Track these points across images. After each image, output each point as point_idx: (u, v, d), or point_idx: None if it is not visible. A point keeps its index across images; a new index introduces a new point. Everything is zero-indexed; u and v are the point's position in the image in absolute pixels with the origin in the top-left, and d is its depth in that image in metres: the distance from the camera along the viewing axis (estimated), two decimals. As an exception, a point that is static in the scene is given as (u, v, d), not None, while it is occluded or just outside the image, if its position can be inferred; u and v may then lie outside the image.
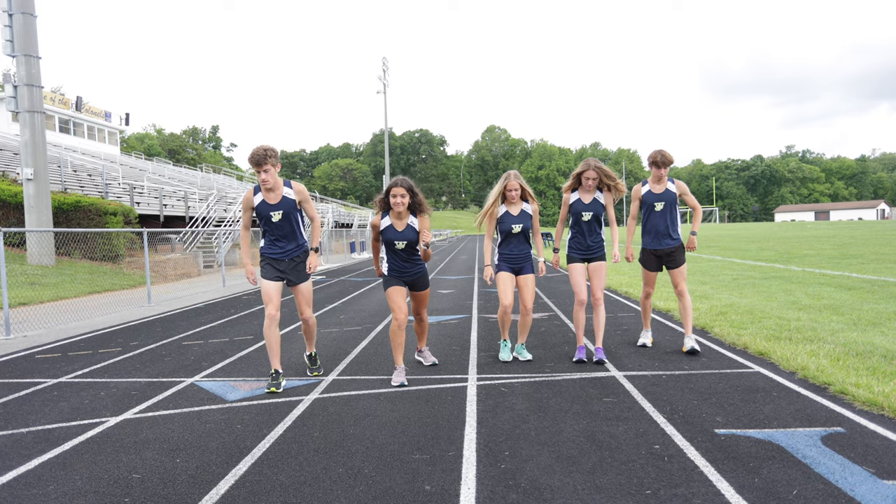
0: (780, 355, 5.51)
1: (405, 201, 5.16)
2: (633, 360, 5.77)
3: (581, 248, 5.84)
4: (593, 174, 5.66)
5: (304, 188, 5.29)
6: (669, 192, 5.99)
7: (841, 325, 6.99)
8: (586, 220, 5.75)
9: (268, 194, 5.13)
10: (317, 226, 5.30)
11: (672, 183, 6.03)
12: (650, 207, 6.03)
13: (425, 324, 5.87)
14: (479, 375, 5.36)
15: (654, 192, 6.04)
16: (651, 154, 5.96)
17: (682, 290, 5.98)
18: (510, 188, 5.51)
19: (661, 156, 5.88)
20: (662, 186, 6.01)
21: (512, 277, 5.65)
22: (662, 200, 5.99)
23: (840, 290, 10.15)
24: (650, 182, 6.08)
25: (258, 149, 5.01)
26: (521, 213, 5.59)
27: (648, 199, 6.04)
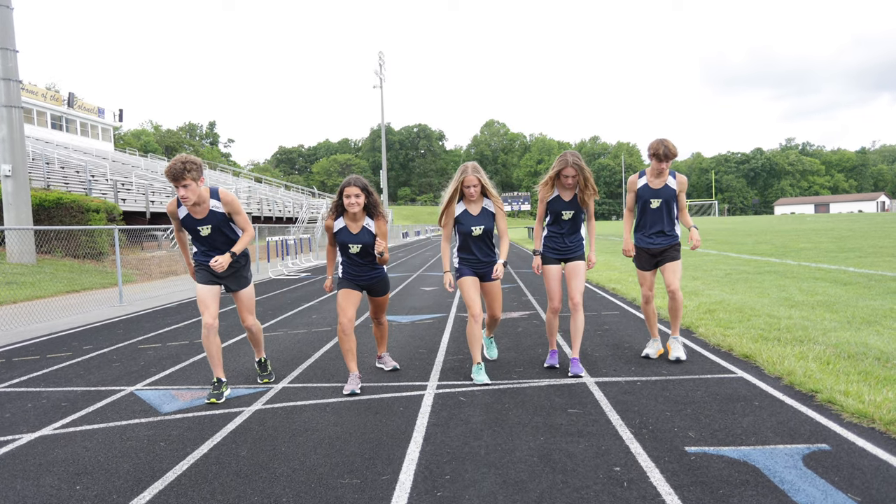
0: (766, 358, 5.11)
1: (360, 202, 4.75)
2: (609, 363, 5.38)
3: (558, 248, 5.30)
4: (572, 171, 5.06)
5: (234, 199, 4.73)
6: (669, 189, 5.33)
7: (834, 324, 6.59)
8: (567, 219, 5.24)
9: (193, 209, 4.63)
10: (247, 239, 4.76)
11: (673, 178, 5.36)
12: (645, 203, 5.41)
13: (385, 328, 5.47)
14: (440, 383, 4.96)
15: (651, 187, 5.36)
16: (652, 144, 5.21)
17: (674, 290, 5.35)
18: (468, 184, 4.93)
19: (663, 147, 5.14)
20: (662, 181, 5.34)
21: (476, 282, 5.11)
22: (660, 197, 5.34)
23: (835, 285, 9.74)
24: (648, 174, 5.40)
25: (175, 161, 4.39)
26: (482, 213, 5.01)
27: (644, 194, 5.40)
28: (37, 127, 47.19)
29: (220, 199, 4.66)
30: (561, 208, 5.22)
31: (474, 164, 5.02)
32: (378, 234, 4.88)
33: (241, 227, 4.77)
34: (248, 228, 4.79)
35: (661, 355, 5.61)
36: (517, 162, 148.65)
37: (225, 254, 4.60)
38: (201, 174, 4.47)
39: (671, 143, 5.18)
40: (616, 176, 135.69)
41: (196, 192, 4.46)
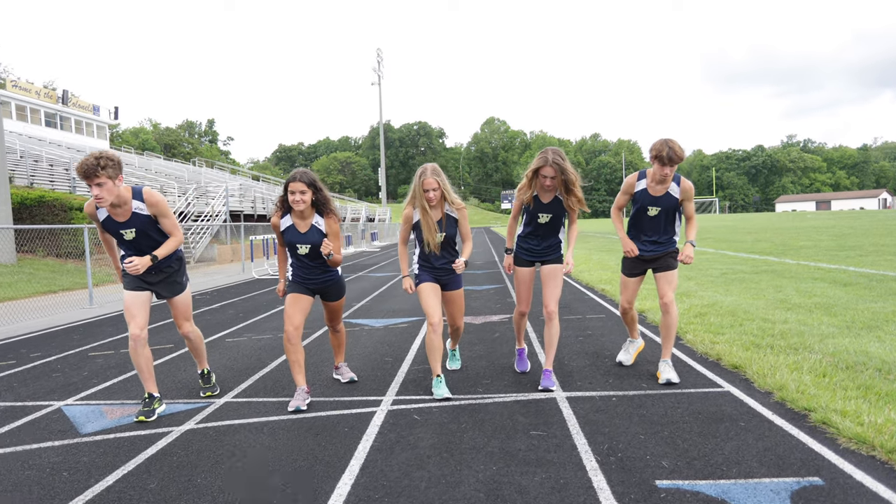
0: (757, 370, 4.65)
1: (306, 198, 4.29)
2: (585, 375, 4.92)
3: (531, 249, 4.81)
4: (550, 172, 4.43)
5: (160, 199, 4.22)
6: (670, 197, 4.64)
7: (832, 329, 6.14)
8: (543, 223, 4.72)
9: (113, 210, 4.14)
10: (173, 244, 4.27)
11: (677, 185, 4.64)
12: (641, 209, 4.75)
13: (342, 336, 5.02)
14: (397, 397, 4.51)
15: (650, 194, 4.67)
16: (655, 145, 4.46)
17: (667, 302, 4.66)
18: (427, 187, 4.44)
19: (668, 149, 4.39)
20: (664, 188, 4.65)
21: (437, 289, 4.66)
22: (659, 206, 4.67)
23: (835, 286, 9.28)
24: (649, 178, 4.67)
25: (88, 157, 3.92)
26: (444, 220, 4.54)
27: (641, 200, 4.72)
28: (30, 125, 46.75)
29: (145, 200, 4.18)
30: (538, 210, 4.69)
31: (434, 166, 4.55)
32: (329, 234, 4.44)
33: (168, 231, 4.31)
34: (175, 233, 4.32)
35: (643, 363, 5.16)
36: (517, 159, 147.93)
37: (144, 256, 4.15)
38: (119, 172, 4.01)
39: (677, 144, 4.42)
40: (617, 173, 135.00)
41: (112, 191, 4.00)
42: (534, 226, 4.75)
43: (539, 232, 4.76)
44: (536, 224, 4.73)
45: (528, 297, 4.92)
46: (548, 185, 4.50)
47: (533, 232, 4.78)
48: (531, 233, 4.79)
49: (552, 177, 4.48)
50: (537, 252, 4.80)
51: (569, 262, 4.84)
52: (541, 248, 4.80)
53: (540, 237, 4.78)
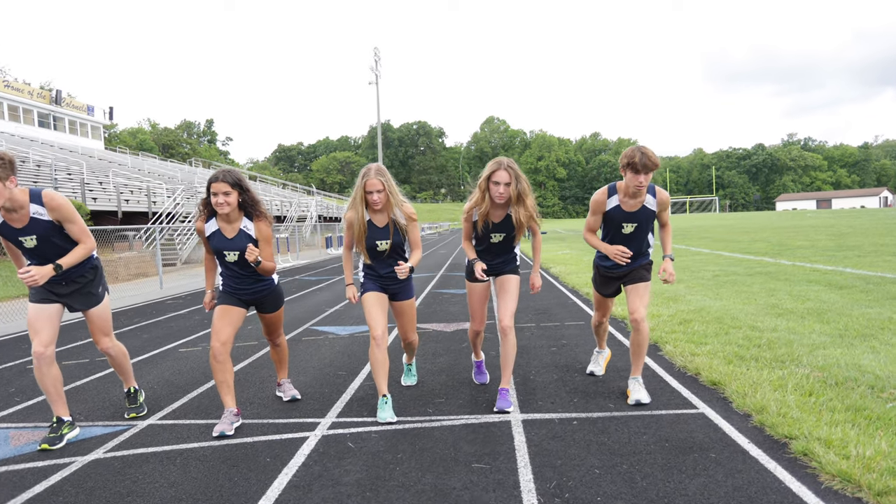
0: (737, 388, 4.21)
1: (230, 200, 3.85)
2: (549, 393, 4.48)
3: (486, 263, 4.33)
4: (505, 176, 3.98)
5: (63, 203, 3.76)
6: (646, 211, 4.17)
7: (823, 338, 5.70)
8: (497, 242, 4.26)
9: (8, 216, 3.71)
10: (81, 252, 3.83)
11: (653, 196, 4.17)
12: (615, 227, 4.24)
13: (283, 351, 4.59)
14: (338, 419, 4.08)
15: (624, 210, 4.17)
16: (627, 153, 3.99)
17: (638, 319, 4.15)
18: (370, 188, 3.99)
19: (641, 156, 3.89)
20: (639, 202, 4.14)
21: (383, 299, 4.24)
22: (635, 222, 4.19)
23: (830, 289, 8.84)
24: (621, 193, 4.16)
25: None
26: (389, 225, 4.12)
27: (615, 218, 4.21)
28: (23, 125, 46.38)
29: (45, 203, 3.73)
30: (490, 231, 4.22)
31: (378, 165, 4.10)
32: (259, 239, 4.01)
33: (77, 238, 3.87)
34: (84, 239, 3.87)
35: (616, 378, 4.72)
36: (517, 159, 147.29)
37: (46, 266, 3.71)
38: (11, 173, 3.57)
39: (651, 151, 3.94)
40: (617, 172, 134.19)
41: (2, 194, 3.56)
42: (486, 245, 4.32)
43: (493, 249, 4.33)
44: (489, 244, 4.31)
45: (482, 315, 4.50)
46: (501, 192, 4.04)
47: (486, 249, 4.35)
48: (484, 250, 4.36)
49: (507, 182, 4.04)
50: (492, 267, 4.38)
51: (533, 283, 4.43)
52: (495, 262, 4.38)
53: (494, 253, 4.35)
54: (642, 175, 3.94)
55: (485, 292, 4.45)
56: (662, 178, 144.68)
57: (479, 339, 4.65)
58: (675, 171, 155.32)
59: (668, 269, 4.20)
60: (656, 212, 4.21)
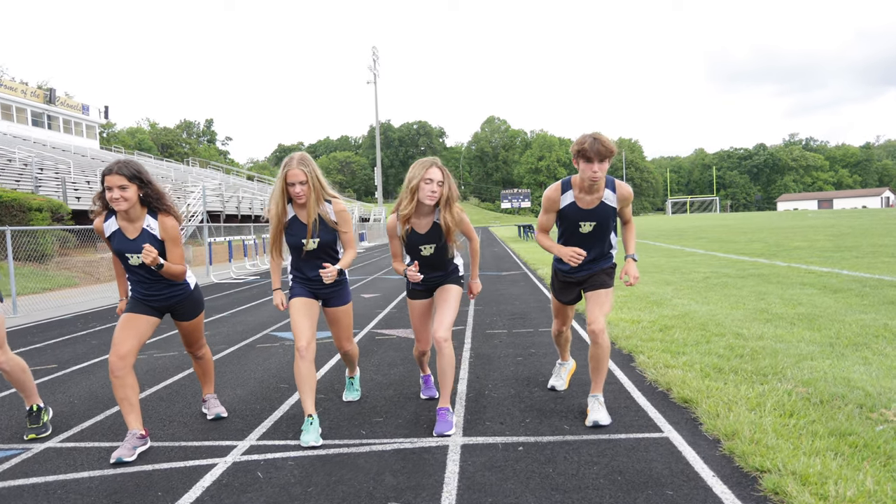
0: (709, 407, 3.75)
1: (127, 195, 3.40)
2: (501, 412, 4.02)
3: (425, 279, 3.93)
4: (438, 174, 3.60)
5: None
6: (606, 207, 3.70)
7: (812, 348, 5.24)
8: (428, 255, 3.82)
9: None
10: None
11: (612, 191, 3.70)
12: (571, 227, 3.79)
13: (206, 364, 4.14)
14: (259, 442, 3.62)
15: (580, 207, 3.70)
16: (579, 139, 3.52)
17: (596, 330, 3.66)
18: (292, 180, 3.55)
19: (593, 142, 3.43)
20: (597, 197, 3.68)
21: (312, 305, 3.80)
22: (593, 220, 3.72)
23: (824, 292, 8.37)
24: (576, 188, 3.70)
25: None
26: (317, 221, 3.66)
27: (571, 216, 3.75)
28: (16, 124, 46.06)
29: None
30: (418, 241, 3.79)
31: (303, 154, 3.64)
32: (165, 239, 3.56)
33: None
34: None
35: (581, 393, 4.26)
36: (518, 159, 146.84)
37: None
38: None
39: (605, 137, 3.49)
40: (617, 172, 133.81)
41: None
42: (419, 258, 3.88)
43: (426, 263, 3.88)
44: (420, 257, 3.86)
45: (426, 335, 4.07)
46: (433, 190, 3.60)
47: (421, 263, 3.90)
48: (419, 264, 3.91)
49: (440, 181, 3.62)
50: (432, 280, 3.95)
51: (471, 289, 4.00)
52: (433, 277, 3.94)
53: (429, 267, 3.91)
54: (596, 164, 3.48)
55: (427, 310, 4.01)
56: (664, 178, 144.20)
57: (424, 358, 4.21)
58: (677, 171, 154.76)
59: (631, 270, 3.75)
60: (617, 208, 3.75)
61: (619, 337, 6.00)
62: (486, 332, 6.83)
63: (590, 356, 3.81)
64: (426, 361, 4.28)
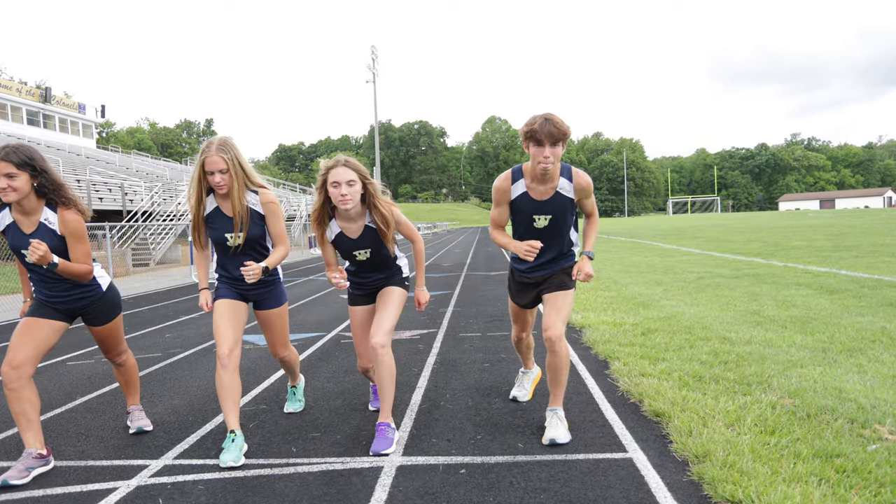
0: (681, 423, 3.35)
1: (16, 185, 2.99)
2: (451, 426, 3.62)
3: (364, 283, 3.55)
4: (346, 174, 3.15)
5: None
6: (562, 199, 3.29)
7: (804, 353, 4.83)
8: (363, 260, 3.43)
9: None
10: None
11: (569, 180, 3.29)
12: (525, 221, 3.38)
13: (128, 371, 3.74)
14: (174, 461, 3.22)
15: (532, 198, 3.30)
16: (529, 120, 3.10)
17: (552, 337, 3.23)
18: (210, 167, 3.15)
19: (544, 123, 3.03)
20: (550, 187, 3.27)
21: (238, 308, 3.41)
22: (548, 213, 3.31)
23: (820, 293, 7.96)
24: (528, 175, 3.30)
25: None
26: (244, 214, 3.28)
27: (524, 209, 3.35)
28: (11, 123, 45.81)
29: None
30: (351, 248, 3.38)
31: (222, 138, 3.24)
32: (66, 235, 3.16)
33: None
34: None
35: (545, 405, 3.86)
36: (519, 159, 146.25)
37: None
38: None
39: (558, 117, 3.08)
40: (619, 172, 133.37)
41: None
42: (356, 264, 3.49)
43: (368, 266, 3.49)
44: (357, 262, 3.47)
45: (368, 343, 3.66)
46: (343, 195, 3.16)
47: (357, 270, 3.53)
48: (355, 271, 3.54)
49: (349, 181, 3.16)
50: (370, 285, 3.55)
51: (418, 300, 3.59)
52: (373, 279, 3.55)
53: (370, 270, 3.51)
54: (548, 147, 3.08)
55: (369, 317, 3.60)
56: (665, 178, 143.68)
57: (369, 373, 3.80)
58: (678, 170, 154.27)
59: (585, 268, 3.34)
60: (574, 199, 3.35)
61: (596, 341, 5.60)
62: (458, 335, 6.43)
63: (547, 366, 3.41)
64: (373, 374, 3.89)
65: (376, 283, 3.54)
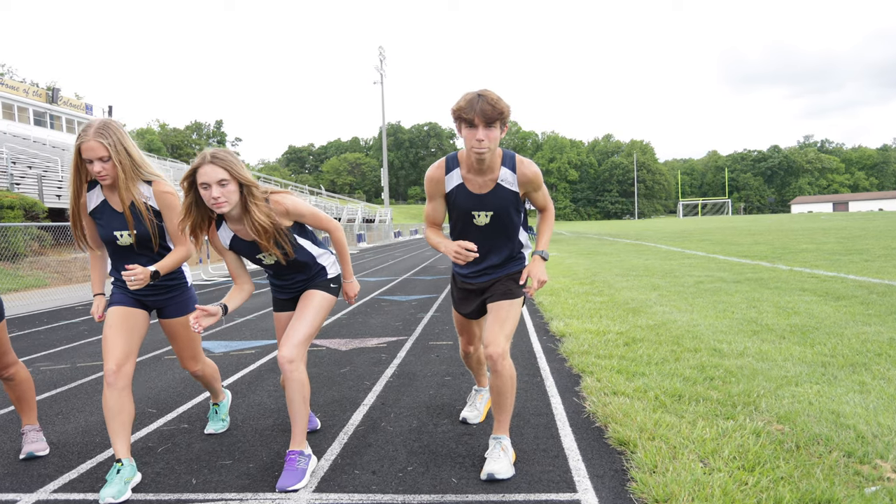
0: (646, 455, 2.85)
1: None
2: (383, 453, 3.14)
3: (284, 286, 3.09)
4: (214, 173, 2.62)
5: None
6: (504, 192, 2.81)
7: (801, 368, 4.32)
8: (272, 263, 2.95)
9: None
10: None
11: (512, 170, 2.80)
12: (464, 217, 2.89)
13: (21, 384, 3.29)
14: (48, 496, 2.77)
15: (471, 191, 2.83)
16: (461, 98, 2.63)
17: (493, 354, 2.74)
18: (88, 154, 2.70)
19: (480, 101, 2.56)
20: (490, 178, 2.79)
21: (134, 317, 2.95)
22: (489, 209, 2.83)
23: (824, 300, 7.41)
24: (464, 164, 2.83)
25: None
26: (134, 208, 2.84)
27: (460, 203, 2.87)
28: (17, 123, 45.97)
29: None
30: (253, 252, 2.90)
31: (104, 120, 2.78)
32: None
33: None
34: None
35: (491, 433, 3.37)
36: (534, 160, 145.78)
37: None
38: None
39: (495, 94, 2.60)
40: (629, 174, 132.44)
41: None
42: (266, 268, 3.01)
43: (281, 270, 3.02)
44: (266, 266, 2.99)
45: None
46: (215, 198, 2.65)
47: (274, 273, 3.07)
48: (272, 274, 3.08)
49: (220, 181, 2.63)
50: (291, 287, 3.09)
51: (346, 292, 3.15)
52: (295, 281, 3.07)
53: (287, 272, 3.04)
54: (481, 129, 2.59)
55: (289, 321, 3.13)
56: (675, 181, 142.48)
57: None
58: (689, 173, 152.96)
59: (535, 271, 2.86)
60: (520, 193, 2.86)
61: (573, 352, 5.10)
62: (428, 343, 5.96)
63: (489, 387, 2.92)
64: None
65: (298, 287, 3.07)
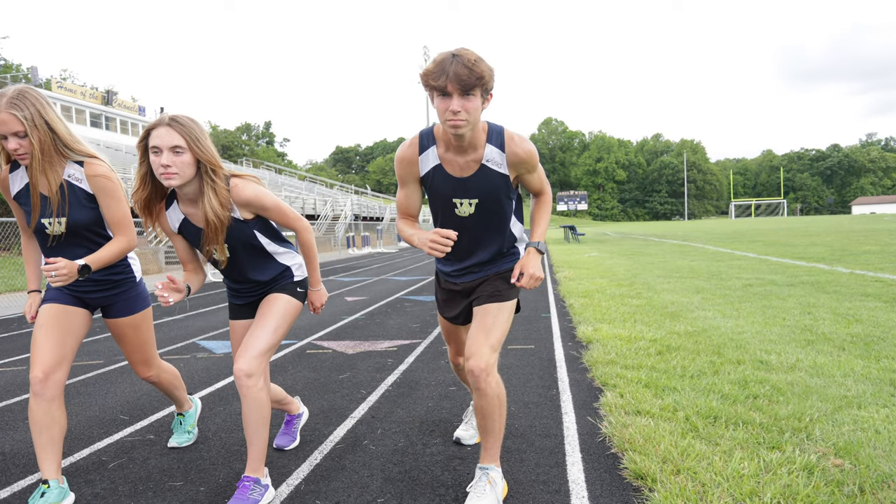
0: (666, 496, 2.32)
1: None
2: (355, 477, 2.70)
3: (241, 292, 2.68)
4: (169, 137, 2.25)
5: None
6: (489, 174, 2.31)
7: (863, 386, 3.69)
8: (220, 259, 2.53)
9: None
10: None
11: (500, 149, 2.29)
12: (444, 206, 2.42)
13: None
14: (-35, 521, 2.43)
15: (450, 174, 2.34)
16: (430, 62, 2.10)
17: (475, 369, 2.29)
18: (1, 128, 2.31)
19: (454, 62, 2.05)
20: (473, 158, 2.30)
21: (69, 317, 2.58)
22: (473, 196, 2.34)
23: (891, 305, 6.63)
24: (441, 141, 2.32)
25: None
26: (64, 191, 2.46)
27: (438, 188, 2.38)
28: (75, 124, 47.65)
29: None
30: (194, 240, 2.53)
31: (20, 88, 2.36)
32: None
33: None
34: None
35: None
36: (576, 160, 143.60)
37: None
38: None
39: (473, 54, 2.09)
40: (679, 174, 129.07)
41: None
42: (223, 266, 2.60)
43: (234, 269, 2.60)
44: (216, 262, 2.57)
45: None
46: (164, 167, 2.26)
47: (226, 273, 2.65)
48: (224, 273, 2.66)
49: (175, 147, 2.24)
50: (248, 293, 2.67)
51: (312, 302, 2.72)
52: (250, 286, 2.65)
53: (242, 273, 2.61)
54: (456, 98, 2.08)
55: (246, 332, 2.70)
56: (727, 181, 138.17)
57: None
58: (742, 172, 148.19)
59: (529, 266, 2.33)
60: (510, 176, 2.36)
61: (597, 362, 4.56)
62: (441, 347, 5.50)
63: (474, 408, 2.44)
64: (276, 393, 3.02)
65: (257, 291, 2.65)
